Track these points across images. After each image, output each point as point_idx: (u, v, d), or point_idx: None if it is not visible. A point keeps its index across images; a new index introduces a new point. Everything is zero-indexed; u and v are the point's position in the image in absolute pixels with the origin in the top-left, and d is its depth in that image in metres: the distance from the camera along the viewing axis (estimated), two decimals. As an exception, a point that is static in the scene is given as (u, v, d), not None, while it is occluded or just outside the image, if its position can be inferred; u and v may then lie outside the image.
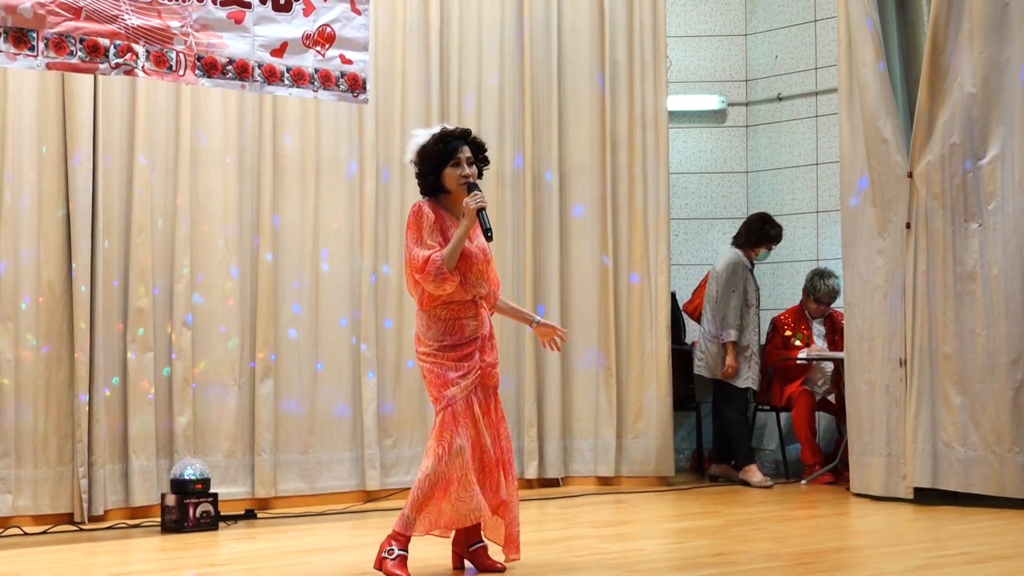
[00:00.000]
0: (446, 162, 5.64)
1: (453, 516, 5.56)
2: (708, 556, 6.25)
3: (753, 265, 9.48)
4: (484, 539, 5.81)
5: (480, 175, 5.74)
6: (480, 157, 5.77)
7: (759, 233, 9.43)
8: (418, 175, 5.74)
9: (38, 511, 7.32)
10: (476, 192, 5.59)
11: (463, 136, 5.72)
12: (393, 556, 5.55)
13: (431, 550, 5.97)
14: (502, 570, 5.71)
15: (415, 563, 5.60)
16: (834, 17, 9.33)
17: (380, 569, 5.55)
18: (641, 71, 9.39)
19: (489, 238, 5.64)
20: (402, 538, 5.56)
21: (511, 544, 5.75)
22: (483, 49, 8.96)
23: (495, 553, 5.80)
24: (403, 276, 6.55)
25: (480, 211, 5.55)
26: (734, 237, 9.56)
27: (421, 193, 5.75)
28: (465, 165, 5.65)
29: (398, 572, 5.49)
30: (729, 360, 9.27)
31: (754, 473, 9.20)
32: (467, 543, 5.78)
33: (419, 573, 5.61)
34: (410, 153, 5.77)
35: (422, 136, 5.76)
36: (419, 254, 5.51)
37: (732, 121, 10.58)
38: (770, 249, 9.49)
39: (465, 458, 5.53)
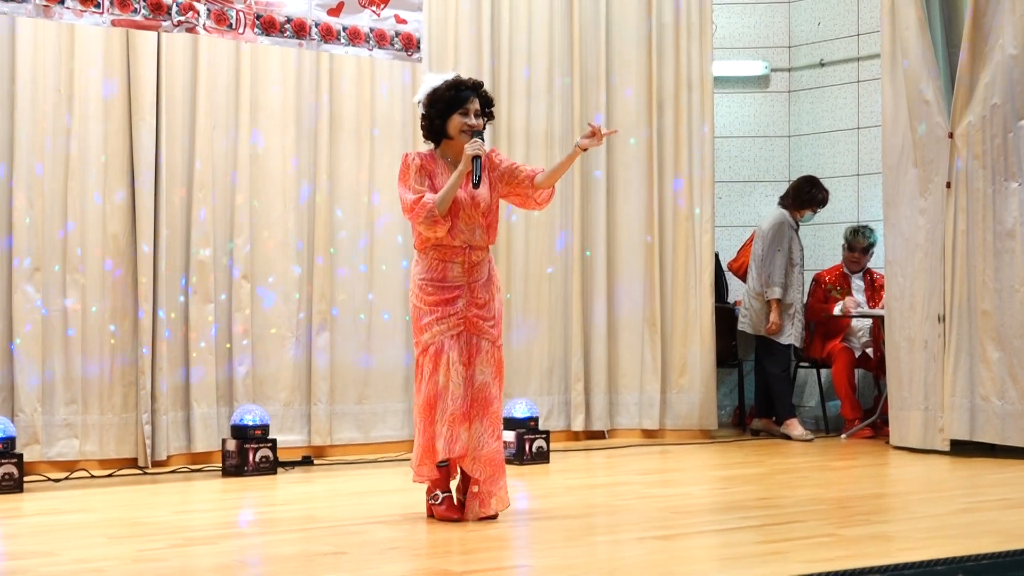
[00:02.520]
0: (455, 109, 5.55)
1: (417, 453, 5.51)
2: (753, 500, 6.21)
3: (798, 225, 9.41)
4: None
5: (484, 127, 5.65)
6: (487, 112, 5.67)
7: (807, 196, 9.36)
8: (424, 117, 5.64)
9: (104, 455, 7.35)
10: (476, 140, 5.50)
11: (475, 87, 5.63)
12: (439, 501, 5.54)
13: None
14: (459, 519, 5.50)
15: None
16: (876, -16, 9.23)
17: (433, 516, 5.54)
18: (688, 35, 9.31)
19: (475, 185, 5.49)
20: (436, 483, 5.54)
21: (476, 497, 5.52)
22: (533, 10, 8.89)
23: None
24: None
25: (475, 158, 5.45)
26: (781, 197, 9.49)
27: (424, 137, 5.69)
28: (472, 115, 5.56)
29: (449, 515, 5.48)
30: (773, 317, 9.21)
31: (795, 427, 9.14)
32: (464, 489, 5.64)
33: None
34: (420, 94, 5.67)
35: (435, 79, 5.67)
36: (410, 196, 5.48)
37: (775, 86, 10.48)
38: (815, 212, 9.43)
39: (420, 404, 5.49)
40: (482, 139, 5.54)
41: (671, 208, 9.25)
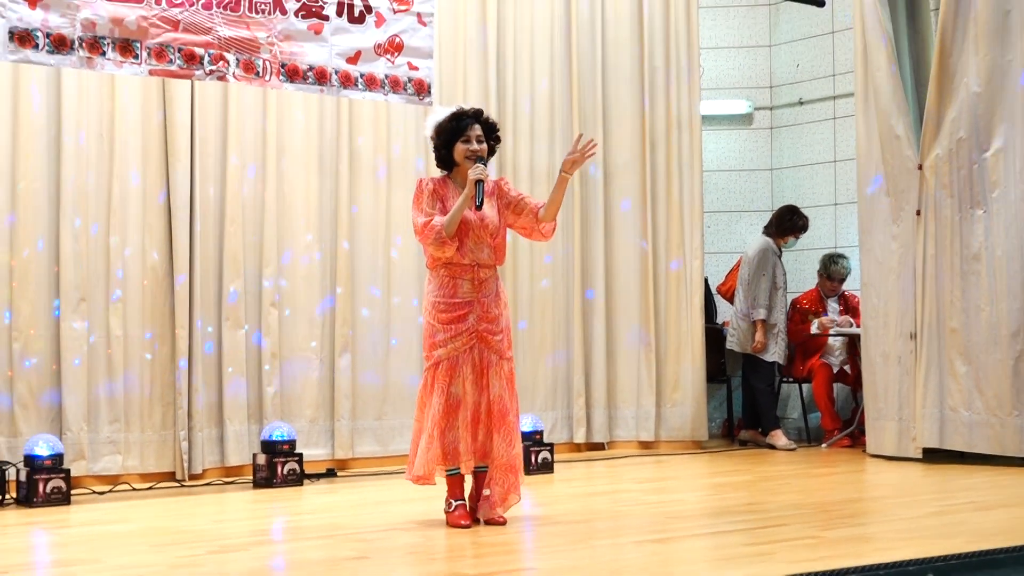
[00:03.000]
0: (458, 137, 5.58)
1: (422, 462, 5.48)
2: (741, 505, 6.22)
3: (781, 252, 9.44)
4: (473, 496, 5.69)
5: (492, 152, 5.68)
6: (493, 136, 5.68)
7: (788, 223, 9.39)
8: (434, 148, 5.69)
9: (144, 470, 7.37)
10: (478, 165, 5.51)
11: (475, 116, 5.65)
12: (452, 508, 5.57)
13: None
14: (468, 525, 5.48)
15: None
16: (850, 29, 9.26)
17: (449, 524, 5.55)
18: (676, 78, 9.35)
19: (478, 207, 5.48)
20: (450, 491, 5.56)
21: (487, 501, 5.54)
22: (535, 57, 8.94)
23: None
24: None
25: (478, 182, 5.45)
26: (765, 226, 9.52)
27: (437, 165, 5.71)
28: (474, 141, 5.57)
29: (461, 521, 5.48)
30: (758, 336, 9.23)
31: (779, 437, 9.14)
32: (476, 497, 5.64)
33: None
34: (428, 128, 5.71)
35: (440, 113, 5.71)
36: (420, 219, 5.51)
37: (758, 124, 10.51)
38: (797, 238, 9.47)
39: (433, 413, 5.46)
40: (484, 163, 5.54)
41: (663, 237, 9.27)
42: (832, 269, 9.48)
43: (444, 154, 5.64)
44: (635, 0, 9.27)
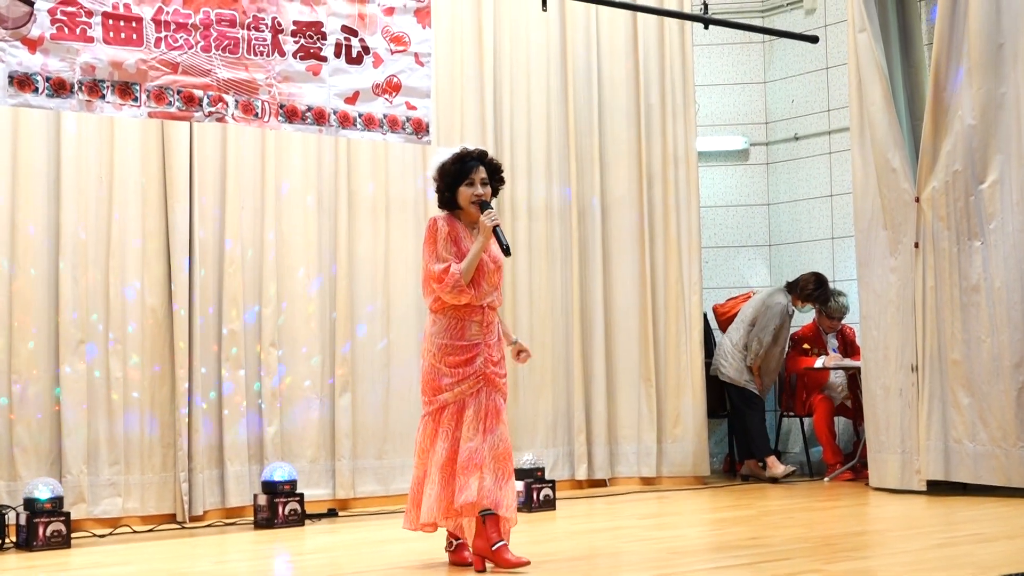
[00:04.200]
0: (461, 180, 5.43)
1: (428, 509, 5.34)
2: (743, 540, 6.17)
3: (794, 312, 9.43)
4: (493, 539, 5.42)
5: (496, 193, 5.54)
6: (496, 177, 5.54)
7: (815, 294, 9.33)
8: (437, 190, 5.54)
9: (145, 512, 7.32)
10: (490, 211, 5.37)
11: (479, 158, 5.49)
12: (453, 548, 5.54)
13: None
14: (482, 569, 5.33)
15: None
16: (844, 64, 9.28)
17: (452, 563, 5.54)
18: (673, 115, 9.37)
19: (507, 253, 5.40)
20: (450, 534, 5.52)
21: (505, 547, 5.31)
22: (532, 96, 8.96)
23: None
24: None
25: (496, 228, 5.36)
26: (789, 283, 9.45)
27: (439, 206, 5.56)
28: (478, 185, 5.42)
29: (462, 560, 5.47)
30: (755, 379, 9.31)
31: (775, 464, 9.14)
32: (489, 542, 5.34)
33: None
34: (431, 169, 5.55)
35: (443, 154, 5.53)
36: (436, 266, 5.34)
37: (754, 159, 10.53)
38: (815, 307, 9.42)
39: (437, 459, 5.35)
40: (491, 206, 5.41)
41: (661, 272, 9.27)
42: (831, 307, 9.46)
43: (448, 197, 5.49)
44: (630, 38, 9.31)
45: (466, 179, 5.43)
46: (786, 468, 9.09)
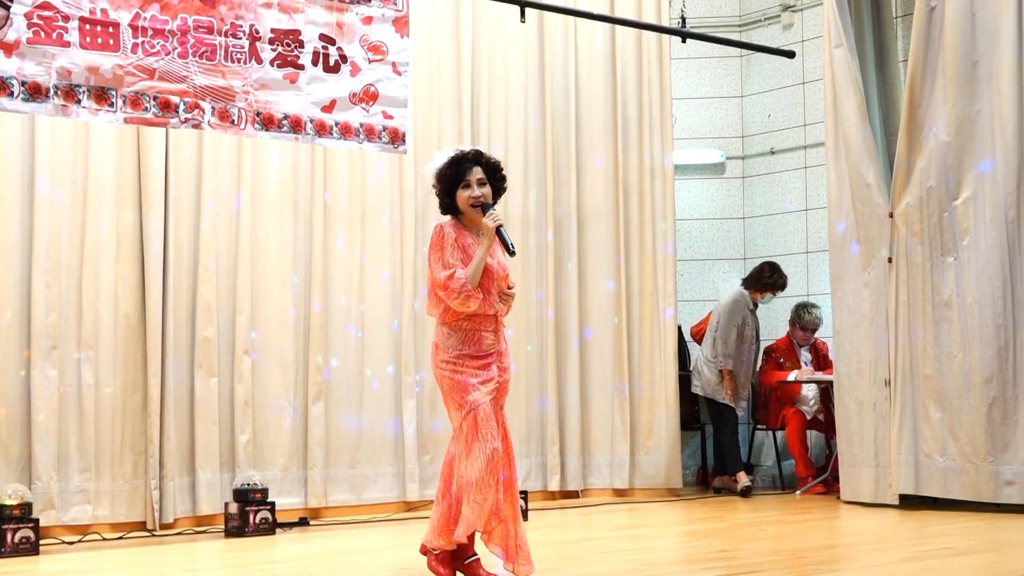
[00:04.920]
0: (458, 184, 5.21)
1: (472, 519, 5.06)
2: (715, 552, 6.18)
3: (756, 305, 9.47)
4: (478, 551, 5.32)
5: (499, 192, 5.30)
6: (497, 177, 5.29)
7: (768, 280, 9.42)
8: (437, 195, 5.32)
9: (115, 519, 7.27)
10: (492, 211, 5.14)
11: (474, 159, 5.25)
12: (470, 561, 5.26)
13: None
14: None
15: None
16: (820, 80, 9.34)
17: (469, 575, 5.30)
18: (650, 128, 9.40)
19: (512, 254, 5.20)
20: (468, 545, 5.24)
21: (523, 554, 5.16)
22: (509, 107, 8.98)
23: (490, 565, 5.32)
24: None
25: (499, 229, 5.13)
26: (744, 278, 9.56)
27: (441, 212, 5.34)
28: (475, 187, 5.19)
29: (482, 572, 5.22)
30: (727, 385, 9.30)
31: (742, 478, 9.19)
32: (462, 556, 5.24)
33: None
34: (429, 176, 5.32)
35: (440, 158, 5.31)
36: (442, 273, 5.11)
37: (730, 173, 10.57)
38: (774, 295, 9.49)
39: (492, 459, 5.05)
40: (492, 207, 5.18)
41: (637, 284, 9.29)
42: (805, 319, 9.52)
43: (448, 202, 5.27)
44: (608, 51, 9.34)
45: (462, 181, 5.21)
46: (746, 480, 9.13)
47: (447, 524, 5.15)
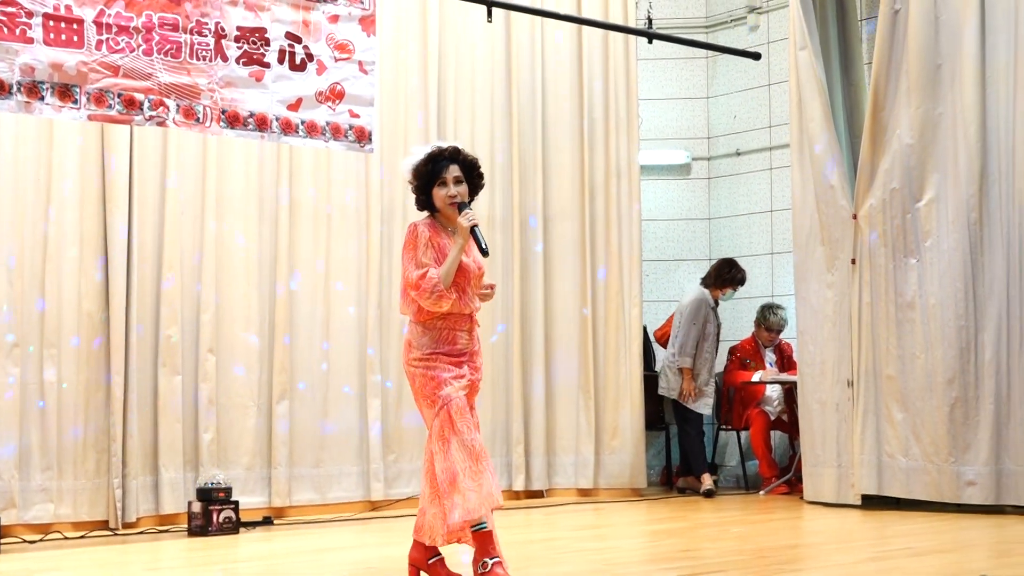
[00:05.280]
0: (434, 182, 5.12)
1: (467, 507, 4.93)
2: (678, 552, 6.21)
3: (717, 303, 9.50)
4: (442, 551, 5.28)
5: (477, 190, 5.23)
6: (475, 174, 5.22)
7: (727, 276, 9.46)
8: (413, 191, 5.23)
9: (77, 518, 7.23)
10: (467, 211, 5.06)
11: (452, 156, 5.15)
12: (488, 568, 5.07)
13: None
14: None
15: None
16: (786, 82, 9.38)
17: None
18: (616, 128, 9.42)
19: (485, 254, 5.15)
20: (482, 549, 5.08)
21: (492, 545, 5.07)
22: (475, 106, 8.98)
23: (455, 565, 5.32)
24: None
25: (473, 228, 5.05)
26: (703, 277, 9.59)
27: (418, 208, 5.26)
28: (451, 185, 5.10)
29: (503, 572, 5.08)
30: (685, 384, 9.32)
31: (706, 480, 9.21)
32: (425, 555, 5.23)
33: None
34: (405, 172, 5.21)
35: (417, 154, 5.20)
36: (414, 273, 5.03)
37: (696, 174, 10.61)
38: (735, 290, 9.54)
39: (470, 448, 4.98)
40: (468, 205, 5.11)
41: (602, 285, 9.31)
42: (770, 320, 9.57)
43: (424, 199, 5.18)
44: (575, 51, 9.36)
45: (438, 179, 5.12)
46: (709, 482, 9.18)
47: (447, 522, 5.05)
